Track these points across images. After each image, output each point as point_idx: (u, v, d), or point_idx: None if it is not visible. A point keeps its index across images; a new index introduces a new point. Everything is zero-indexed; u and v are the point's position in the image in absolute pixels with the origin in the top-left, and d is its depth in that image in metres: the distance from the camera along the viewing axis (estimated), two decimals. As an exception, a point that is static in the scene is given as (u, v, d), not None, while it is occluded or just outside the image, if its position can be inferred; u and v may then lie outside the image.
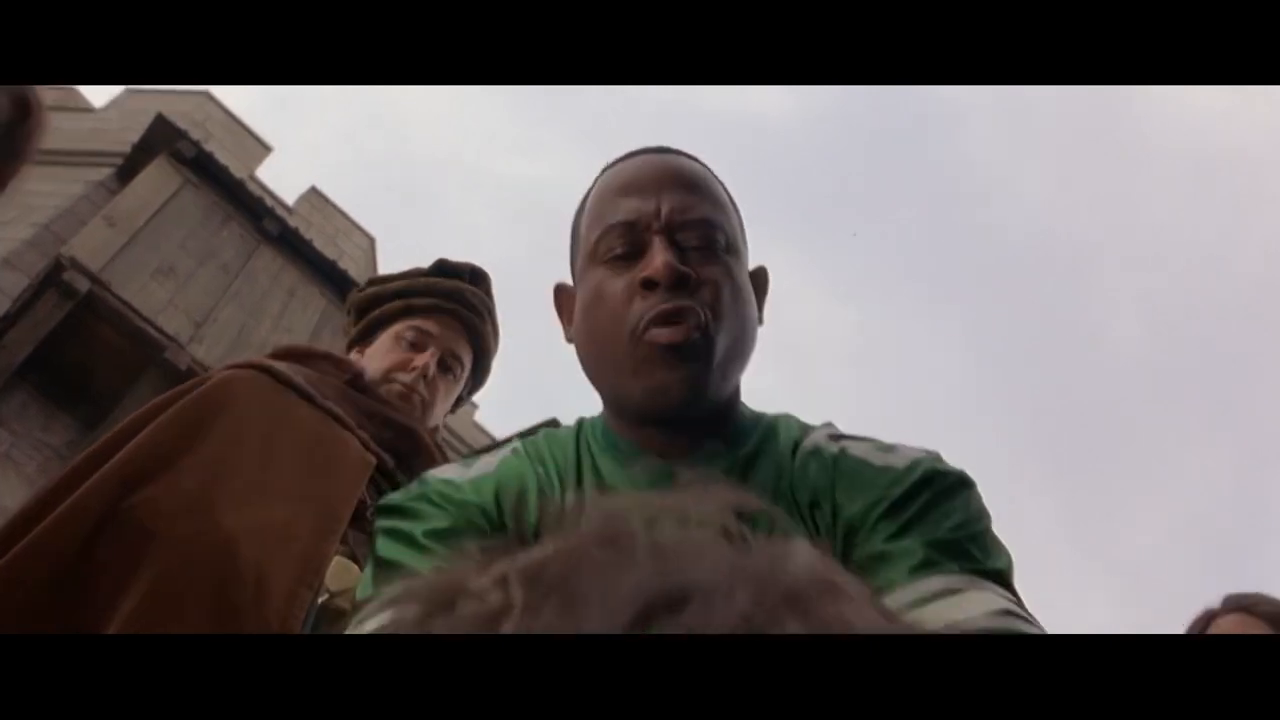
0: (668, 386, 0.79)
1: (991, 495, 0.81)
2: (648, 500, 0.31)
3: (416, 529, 0.80)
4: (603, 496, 0.33)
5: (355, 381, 1.52)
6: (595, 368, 0.87)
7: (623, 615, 0.25)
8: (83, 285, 5.91)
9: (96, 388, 6.08)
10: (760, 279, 0.93)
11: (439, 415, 1.60)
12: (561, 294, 0.94)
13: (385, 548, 0.80)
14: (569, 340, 0.91)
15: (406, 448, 1.46)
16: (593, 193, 0.91)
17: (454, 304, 1.64)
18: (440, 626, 0.28)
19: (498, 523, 0.80)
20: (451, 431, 8.46)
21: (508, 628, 0.26)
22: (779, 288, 0.96)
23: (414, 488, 0.85)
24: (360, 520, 1.28)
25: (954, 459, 0.84)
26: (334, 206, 9.09)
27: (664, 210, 0.84)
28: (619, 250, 0.84)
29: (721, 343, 0.81)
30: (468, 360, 1.65)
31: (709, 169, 0.92)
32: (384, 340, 1.61)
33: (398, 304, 1.64)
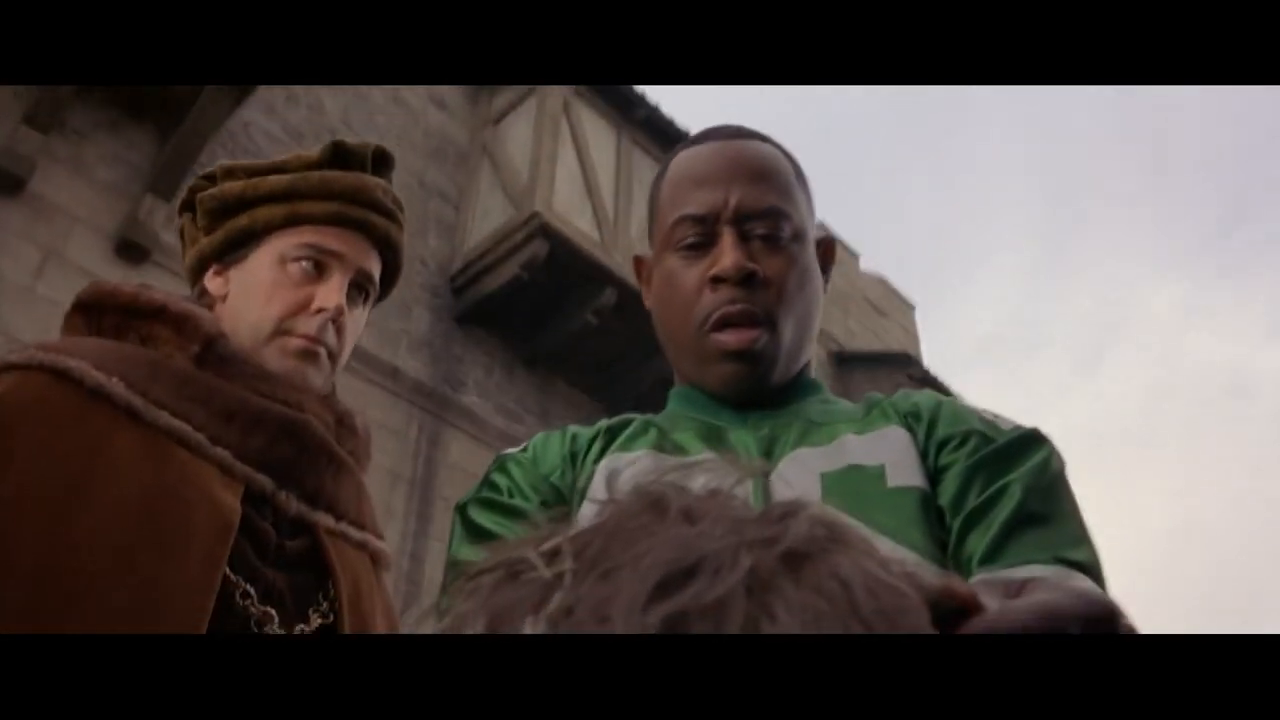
0: (733, 381, 0.89)
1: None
2: (682, 469, 0.38)
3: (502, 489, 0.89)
4: (646, 465, 0.41)
5: (210, 352, 1.03)
6: (669, 348, 0.96)
7: (648, 582, 0.31)
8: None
9: None
10: (826, 250, 0.99)
11: (343, 363, 1.14)
12: (642, 265, 1.02)
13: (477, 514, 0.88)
14: (648, 306, 1.00)
15: (289, 452, 1.02)
16: (668, 176, 0.98)
17: (361, 208, 1.14)
18: (509, 593, 0.34)
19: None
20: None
21: (560, 594, 0.33)
22: None
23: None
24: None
25: None
26: None
27: (733, 202, 0.90)
28: (691, 239, 0.91)
29: (785, 335, 0.89)
30: (379, 275, 1.18)
31: (780, 149, 0.98)
32: (262, 264, 1.11)
33: (279, 210, 1.12)
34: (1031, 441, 0.82)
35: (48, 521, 0.86)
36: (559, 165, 6.48)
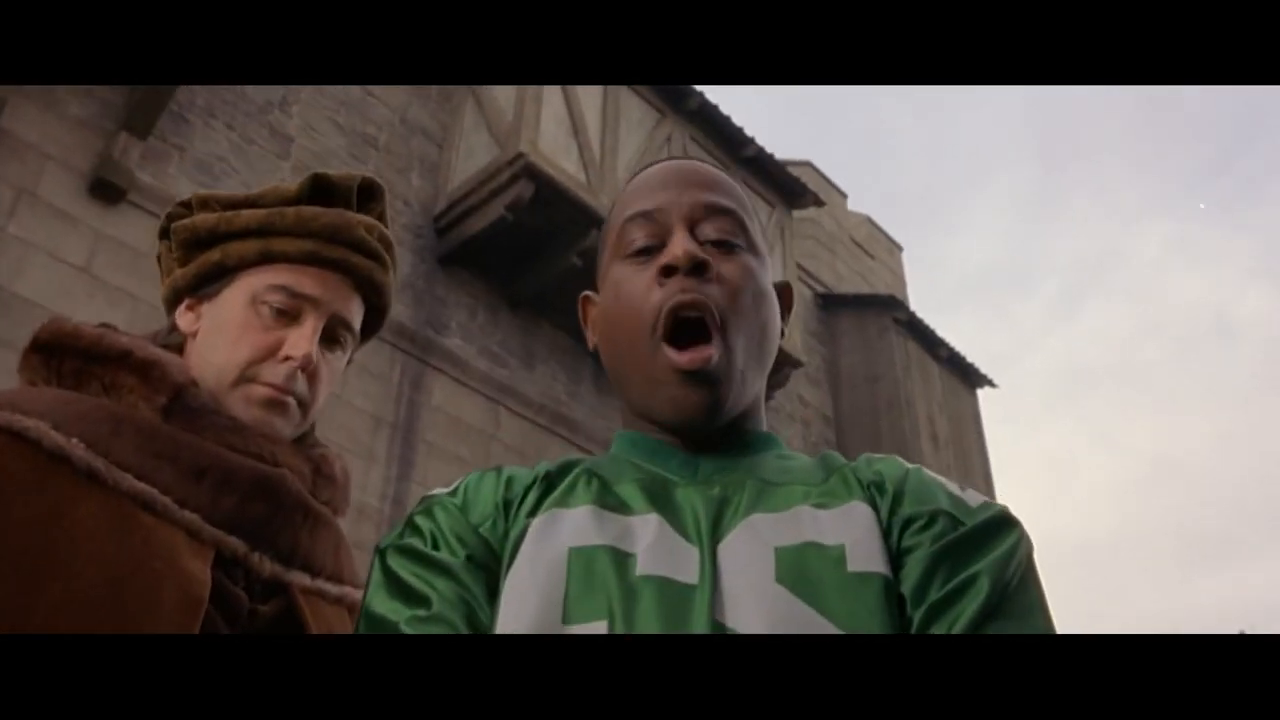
0: (685, 406, 0.82)
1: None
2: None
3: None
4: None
5: (178, 403, 0.97)
6: (617, 374, 0.89)
7: None
8: None
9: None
10: (784, 293, 0.94)
11: (320, 407, 1.08)
12: (587, 303, 0.96)
13: (398, 565, 0.80)
14: (593, 348, 0.94)
15: (262, 511, 0.97)
16: (618, 198, 0.94)
17: (341, 248, 1.07)
18: None
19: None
20: None
21: None
22: None
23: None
24: None
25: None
26: None
27: (687, 201, 0.87)
28: (641, 242, 0.86)
29: (738, 351, 0.83)
30: (359, 320, 1.11)
31: (732, 179, 0.95)
32: (233, 302, 1.05)
33: (252, 247, 1.06)
34: (1000, 526, 0.79)
35: (6, 600, 0.81)
36: (544, 105, 6.34)
